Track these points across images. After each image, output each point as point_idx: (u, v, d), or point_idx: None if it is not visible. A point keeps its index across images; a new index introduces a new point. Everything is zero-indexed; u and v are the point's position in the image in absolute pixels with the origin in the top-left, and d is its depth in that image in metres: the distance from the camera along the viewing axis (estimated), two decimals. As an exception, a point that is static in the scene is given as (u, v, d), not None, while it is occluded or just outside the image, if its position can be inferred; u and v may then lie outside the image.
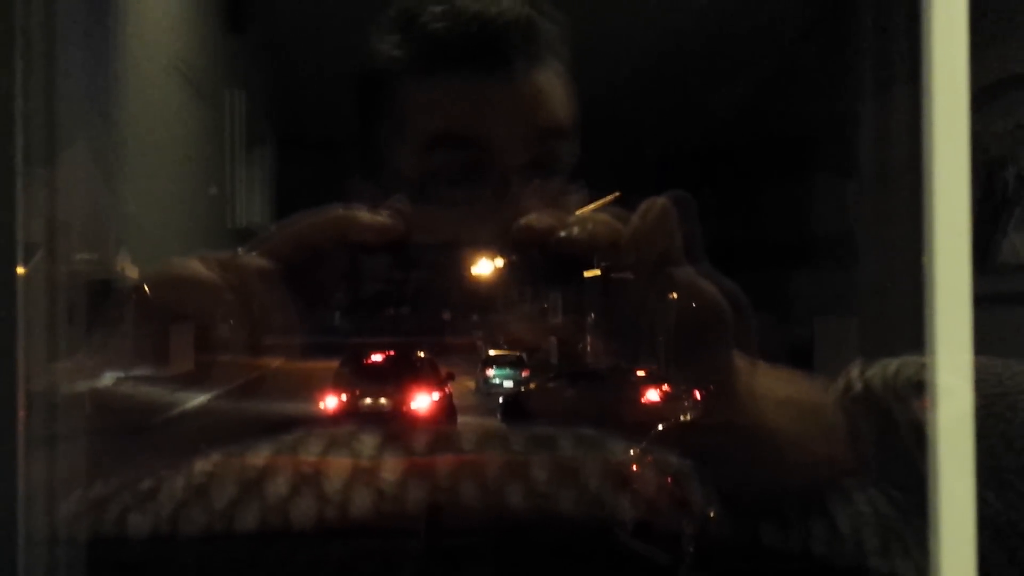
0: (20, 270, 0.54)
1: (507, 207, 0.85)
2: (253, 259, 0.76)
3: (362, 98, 0.96)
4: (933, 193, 0.55)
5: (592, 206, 0.83)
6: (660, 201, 0.76)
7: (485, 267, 0.78)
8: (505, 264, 0.78)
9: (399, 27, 0.92)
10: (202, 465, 0.84)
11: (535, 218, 0.77)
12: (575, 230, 0.76)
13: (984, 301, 0.56)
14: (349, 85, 0.97)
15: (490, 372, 4.98)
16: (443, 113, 0.89)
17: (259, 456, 0.86)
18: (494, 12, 0.88)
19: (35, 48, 0.56)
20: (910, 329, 0.58)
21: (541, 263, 0.77)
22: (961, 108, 0.55)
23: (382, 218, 0.77)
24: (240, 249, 0.77)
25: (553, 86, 0.91)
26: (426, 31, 0.89)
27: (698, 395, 0.83)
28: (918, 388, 0.85)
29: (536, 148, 0.88)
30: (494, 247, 0.78)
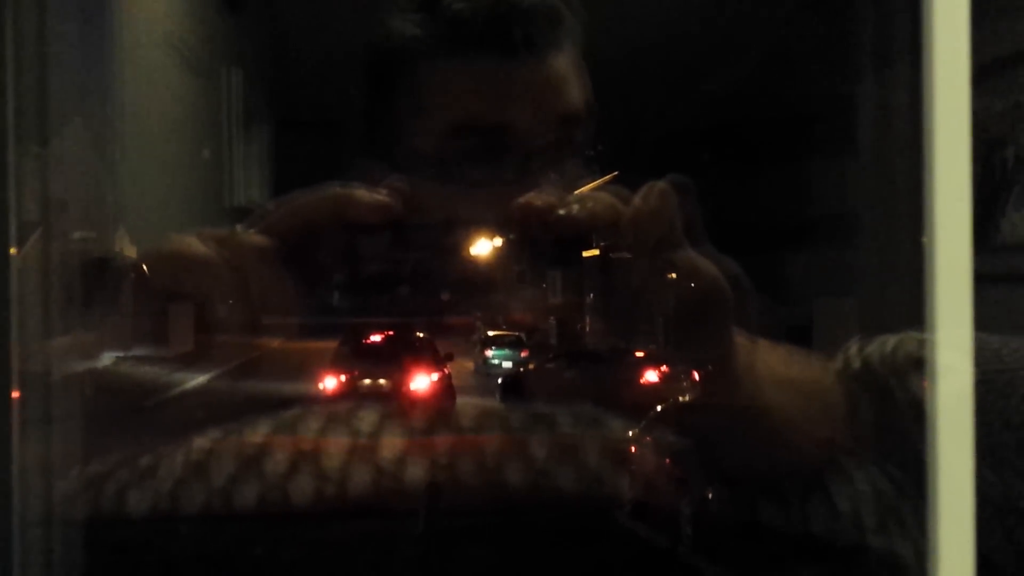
0: (13, 250, 0.54)
1: (527, 190, 0.85)
2: (251, 236, 0.76)
3: (376, 76, 0.95)
4: (934, 172, 0.54)
5: (590, 185, 0.83)
6: (659, 185, 0.76)
7: (484, 247, 0.78)
8: (504, 243, 0.77)
9: (421, 6, 0.91)
10: (200, 443, 0.84)
11: (534, 196, 0.77)
12: (574, 208, 0.75)
13: (984, 279, 0.56)
14: (362, 62, 0.96)
15: (489, 352, 4.95)
16: (465, 96, 0.88)
17: (258, 434, 0.86)
18: None
19: (26, 26, 0.56)
20: (909, 309, 0.58)
21: (540, 242, 0.77)
22: (962, 86, 0.55)
23: (380, 197, 0.77)
24: (238, 227, 0.77)
25: (573, 73, 0.91)
26: (450, 12, 0.88)
27: (697, 375, 0.83)
28: (916, 365, 0.85)
29: (555, 133, 0.88)
30: (493, 226, 0.77)
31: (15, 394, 0.53)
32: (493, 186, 0.85)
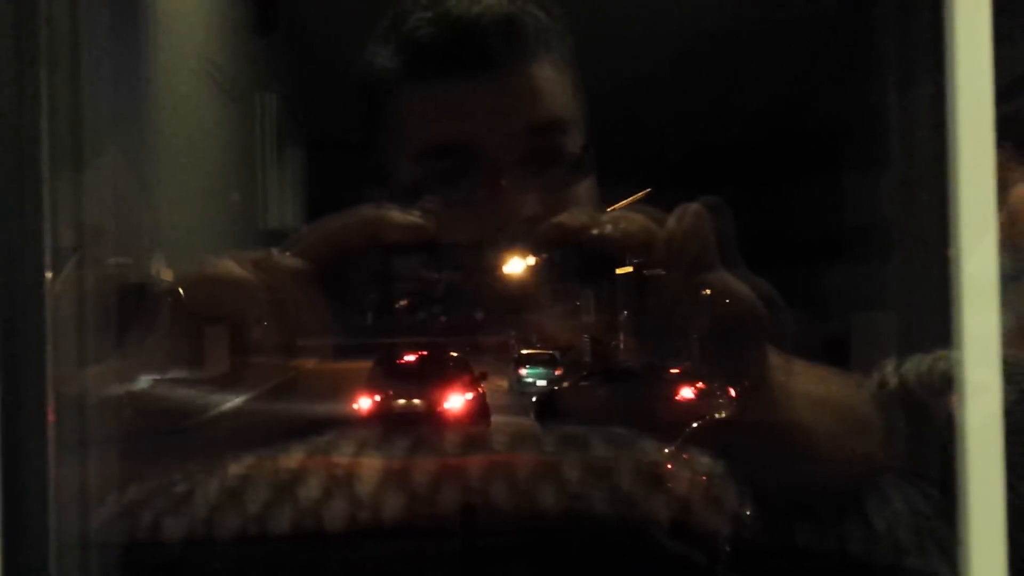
0: (49, 275, 0.54)
1: (504, 204, 0.86)
2: (286, 259, 0.76)
3: (363, 107, 0.97)
4: (959, 187, 0.54)
5: (623, 203, 0.83)
6: (694, 207, 0.76)
7: (517, 266, 0.78)
8: (537, 263, 0.77)
9: (390, 37, 0.92)
10: (236, 468, 0.84)
11: (567, 216, 0.77)
12: (608, 228, 0.76)
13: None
14: (354, 95, 0.98)
15: (523, 371, 4.94)
16: (434, 120, 0.89)
17: (292, 459, 0.86)
18: (475, 14, 0.88)
19: (60, 54, 0.56)
20: (946, 324, 0.58)
21: (574, 261, 0.77)
22: (986, 99, 0.54)
23: (413, 218, 0.77)
24: (273, 249, 0.78)
25: (545, 80, 0.91)
26: (413, 39, 0.89)
27: (733, 393, 0.82)
28: (952, 383, 0.84)
29: (530, 143, 0.88)
30: (526, 245, 0.77)
31: (51, 418, 0.54)
32: (472, 205, 0.86)
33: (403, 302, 0.78)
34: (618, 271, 0.76)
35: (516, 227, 0.79)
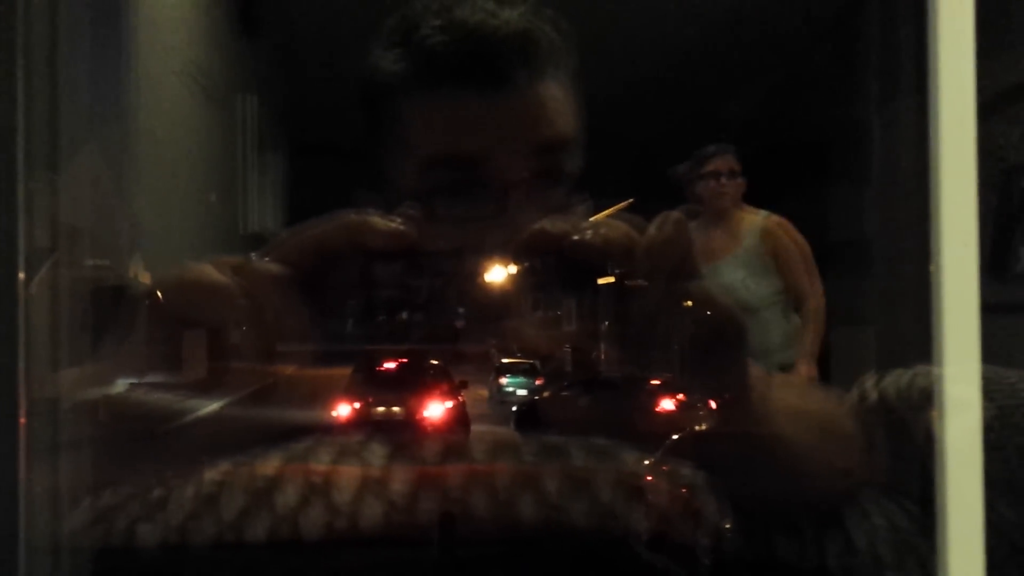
0: (22, 276, 0.53)
1: (507, 221, 0.85)
2: (266, 264, 0.76)
3: (364, 111, 0.96)
4: (940, 202, 0.54)
5: (605, 213, 0.82)
6: (674, 215, 0.76)
7: (498, 274, 0.77)
8: (519, 271, 0.77)
9: (399, 41, 0.91)
10: (212, 474, 0.84)
11: (549, 223, 0.76)
12: (588, 235, 0.75)
13: (1001, 310, 0.56)
14: (352, 96, 0.97)
15: (503, 380, 4.92)
16: (441, 130, 0.88)
17: (269, 465, 0.86)
18: (491, 26, 0.87)
19: (38, 52, 0.56)
20: (925, 339, 0.58)
21: (555, 269, 0.77)
22: (968, 116, 0.54)
23: (395, 224, 0.77)
24: (253, 254, 0.77)
25: (554, 98, 0.90)
26: (424, 46, 0.88)
27: (713, 404, 0.82)
28: (931, 399, 0.84)
29: (536, 161, 0.88)
30: (508, 253, 0.77)
31: (23, 420, 0.53)
32: (475, 218, 0.85)
33: (383, 309, 0.77)
34: (600, 281, 0.76)
35: (513, 242, 0.79)
